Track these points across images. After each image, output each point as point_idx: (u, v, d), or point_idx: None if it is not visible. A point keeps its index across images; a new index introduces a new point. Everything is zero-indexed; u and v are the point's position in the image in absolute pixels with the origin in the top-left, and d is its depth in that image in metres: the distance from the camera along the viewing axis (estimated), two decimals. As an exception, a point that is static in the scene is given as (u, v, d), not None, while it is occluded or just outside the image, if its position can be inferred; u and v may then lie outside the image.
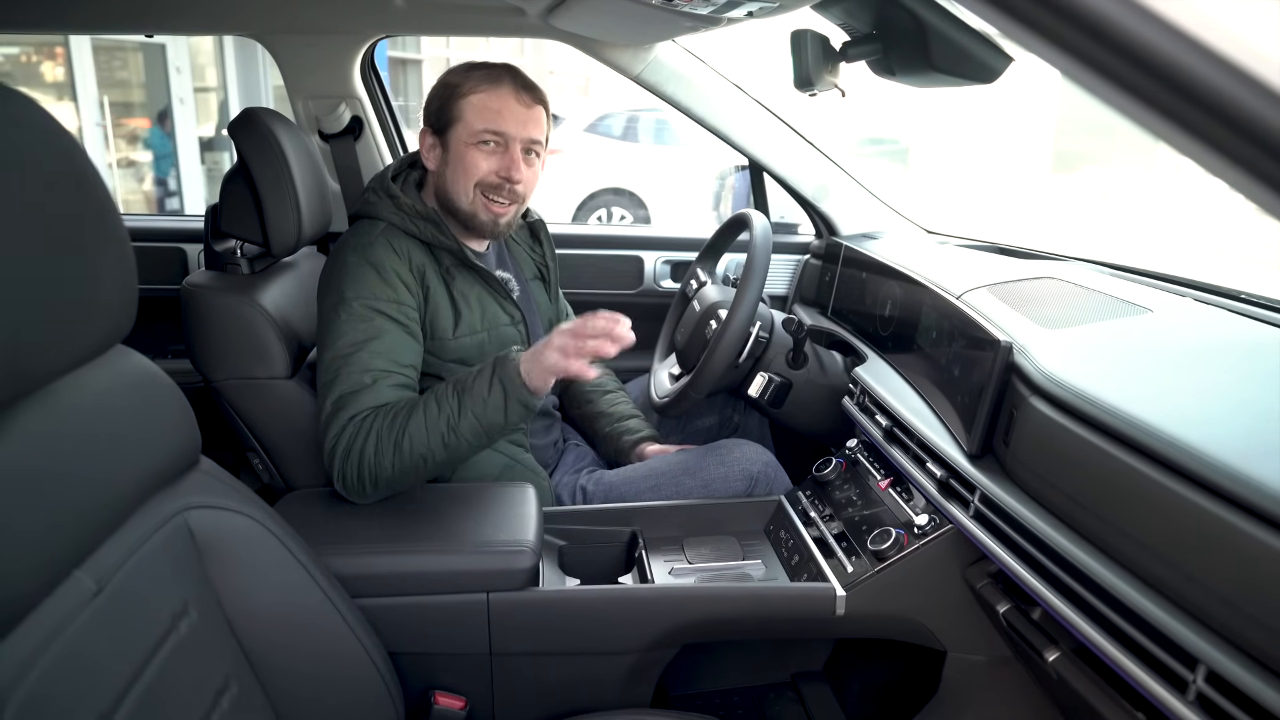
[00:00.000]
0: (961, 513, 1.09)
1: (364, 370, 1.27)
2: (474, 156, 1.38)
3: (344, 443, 1.23)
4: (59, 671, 0.61)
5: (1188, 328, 1.12)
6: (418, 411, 1.24)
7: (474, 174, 1.39)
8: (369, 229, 1.38)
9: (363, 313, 1.30)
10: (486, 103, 1.37)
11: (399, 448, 1.22)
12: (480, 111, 1.37)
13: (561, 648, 1.22)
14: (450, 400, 1.24)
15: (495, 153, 1.39)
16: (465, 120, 1.38)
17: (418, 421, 1.23)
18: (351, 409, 1.25)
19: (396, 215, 1.38)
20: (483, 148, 1.38)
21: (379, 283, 1.32)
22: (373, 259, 1.33)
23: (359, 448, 1.23)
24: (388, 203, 1.39)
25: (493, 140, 1.38)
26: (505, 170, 1.39)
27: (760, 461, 1.53)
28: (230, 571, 0.83)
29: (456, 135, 1.39)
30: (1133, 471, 0.81)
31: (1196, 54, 0.30)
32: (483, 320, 1.43)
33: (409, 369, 1.32)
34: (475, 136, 1.38)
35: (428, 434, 1.23)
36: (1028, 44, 0.34)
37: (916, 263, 1.57)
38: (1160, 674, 0.75)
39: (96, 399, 0.72)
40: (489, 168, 1.39)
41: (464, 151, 1.38)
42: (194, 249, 2.13)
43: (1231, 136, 0.31)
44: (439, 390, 1.27)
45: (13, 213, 0.57)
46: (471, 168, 1.39)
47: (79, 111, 6.57)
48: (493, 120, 1.37)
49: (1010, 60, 1.11)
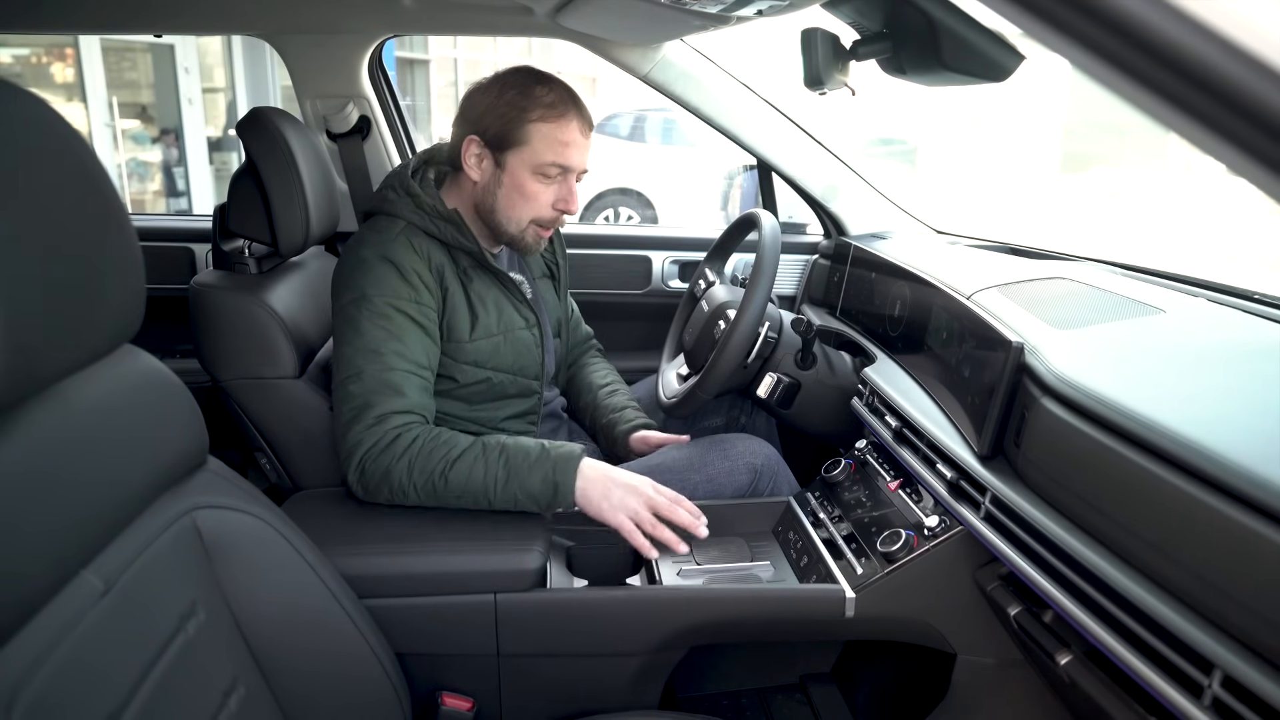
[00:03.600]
0: (972, 514, 1.08)
1: (388, 370, 1.26)
2: (535, 187, 1.37)
3: (370, 445, 1.23)
4: (66, 671, 0.61)
5: (1201, 328, 1.11)
6: (463, 462, 1.23)
7: (534, 208, 1.38)
8: (388, 226, 1.36)
9: (385, 310, 1.29)
10: (557, 134, 1.35)
11: (433, 485, 1.23)
12: (550, 144, 1.35)
13: (569, 649, 1.22)
14: (499, 469, 1.24)
15: (554, 183, 1.38)
16: (532, 147, 1.35)
17: (460, 472, 1.23)
18: (379, 408, 1.24)
19: (417, 214, 1.36)
20: (544, 179, 1.37)
21: (400, 281, 1.31)
22: (393, 257, 1.31)
23: (389, 461, 1.22)
24: (408, 201, 1.37)
25: (556, 172, 1.37)
26: (564, 203, 1.39)
27: (763, 455, 1.52)
28: (238, 572, 0.83)
29: (519, 160, 1.36)
30: (1145, 473, 0.80)
31: (1223, 51, 0.30)
32: (499, 323, 1.42)
33: (428, 371, 1.32)
34: (540, 168, 1.36)
35: (466, 487, 1.23)
36: (1052, 43, 0.33)
37: (926, 263, 1.56)
38: (1174, 678, 0.74)
39: (104, 399, 0.72)
40: (548, 200, 1.38)
41: (525, 180, 1.36)
42: (202, 249, 2.14)
43: (1257, 134, 0.31)
44: (489, 451, 1.25)
45: (22, 213, 0.57)
46: (532, 199, 1.37)
47: (88, 112, 6.59)
48: (561, 154, 1.35)
49: (1022, 58, 1.10)
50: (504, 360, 1.43)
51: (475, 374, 1.41)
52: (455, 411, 1.42)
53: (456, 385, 1.40)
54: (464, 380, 1.40)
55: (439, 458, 1.23)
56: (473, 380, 1.41)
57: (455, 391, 1.41)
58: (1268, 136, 0.30)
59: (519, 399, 1.49)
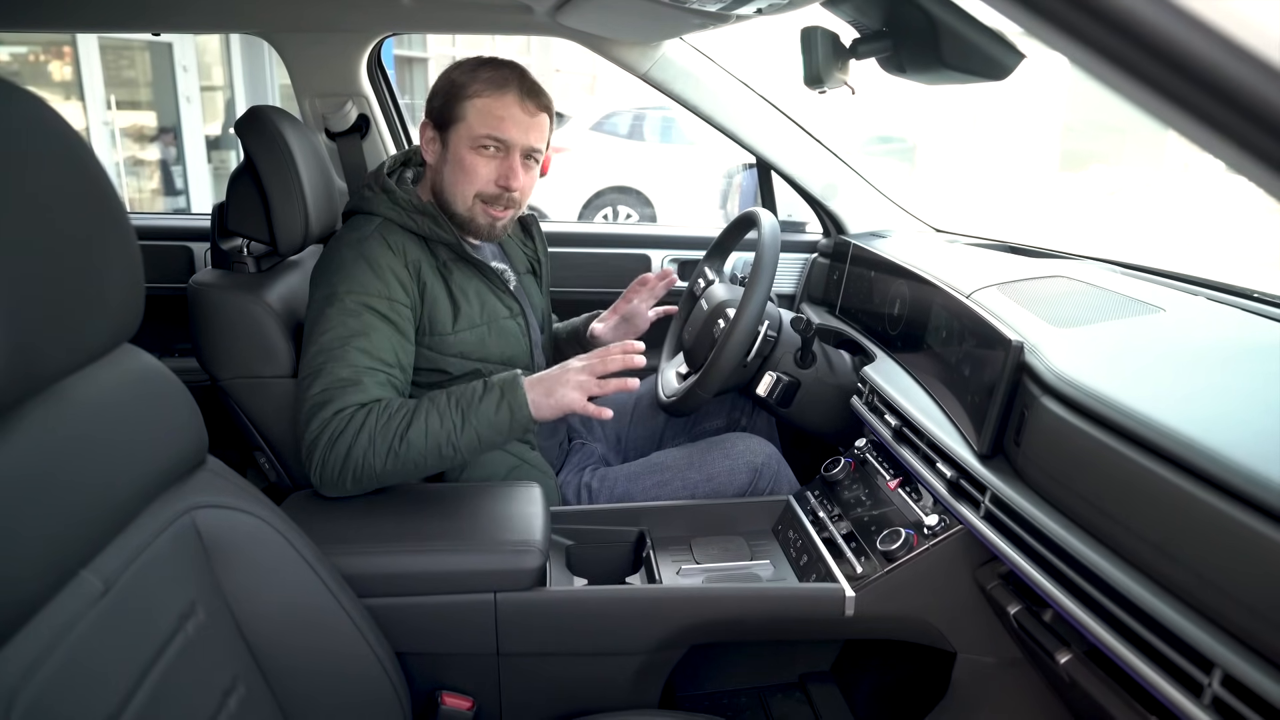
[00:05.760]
0: (972, 513, 1.08)
1: (349, 366, 1.25)
2: (473, 161, 1.37)
3: (328, 435, 1.21)
4: (66, 672, 0.60)
5: (1201, 327, 1.11)
6: (418, 419, 1.23)
7: (474, 181, 1.38)
8: (364, 224, 1.37)
9: (353, 308, 1.28)
10: (491, 108, 1.35)
11: (394, 451, 1.21)
12: (483, 116, 1.35)
13: (569, 648, 1.22)
14: (453, 414, 1.24)
15: (495, 158, 1.38)
16: (467, 122, 1.36)
17: (418, 429, 1.22)
18: (337, 403, 1.23)
19: (393, 210, 1.37)
20: (482, 152, 1.37)
21: (372, 278, 1.30)
22: (367, 254, 1.32)
23: (347, 443, 1.21)
24: (383, 198, 1.38)
25: (493, 146, 1.37)
26: (504, 179, 1.38)
27: (764, 454, 1.52)
28: (237, 571, 0.83)
29: (457, 136, 1.37)
30: (1145, 472, 0.80)
31: (1224, 49, 0.30)
32: (482, 313, 1.42)
33: (395, 369, 1.30)
34: (476, 141, 1.36)
35: (426, 443, 1.22)
36: (1052, 41, 0.33)
37: (925, 261, 1.56)
38: (1174, 677, 0.74)
39: (103, 398, 0.72)
40: (487, 175, 1.38)
41: (463, 154, 1.37)
42: (200, 247, 2.13)
43: (1257, 132, 0.31)
44: (438, 401, 1.25)
45: (20, 211, 0.57)
46: (471, 173, 1.38)
47: (86, 110, 6.58)
48: (495, 127, 1.35)
49: (1022, 57, 1.10)
50: (491, 351, 1.43)
51: (465, 366, 1.40)
52: None
53: (449, 378, 1.40)
54: (454, 372, 1.40)
55: (395, 424, 1.22)
56: (464, 372, 1.40)
57: (445, 384, 1.39)
58: (1268, 135, 0.30)
59: None
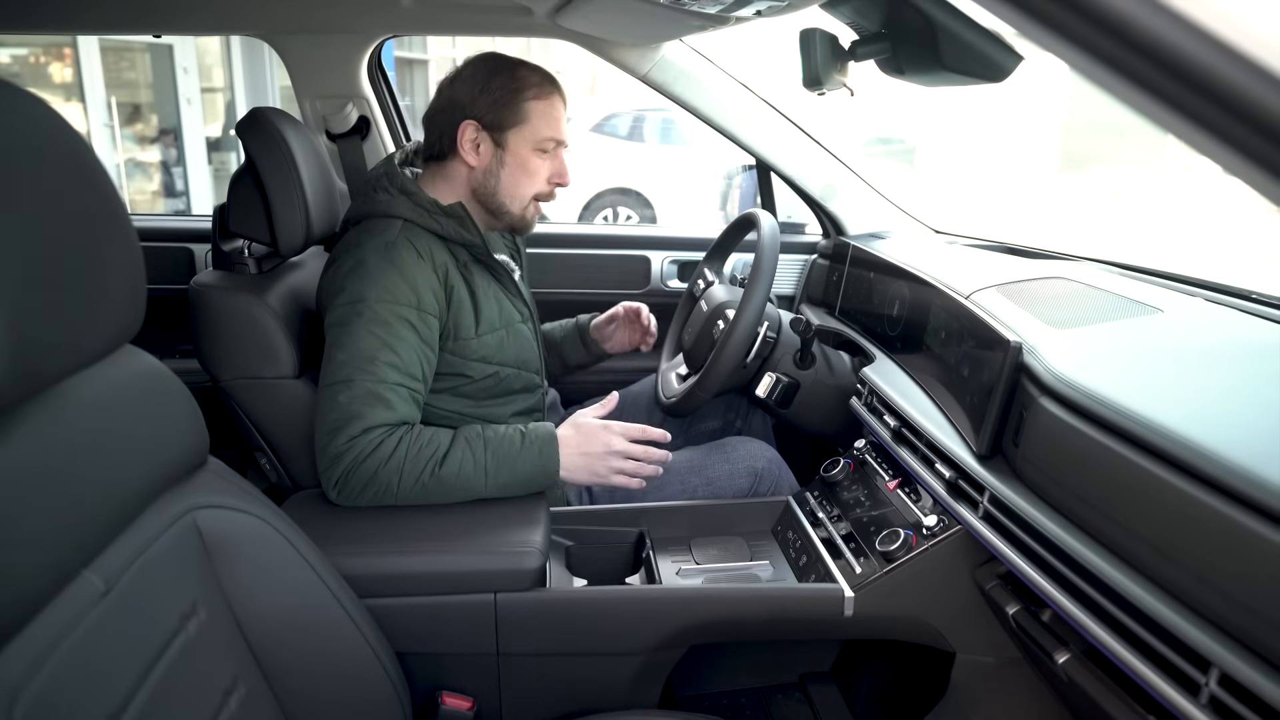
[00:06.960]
0: (970, 514, 1.08)
1: (379, 381, 1.24)
2: (536, 162, 1.39)
3: (354, 453, 1.20)
4: (67, 671, 0.61)
5: (1199, 328, 1.11)
6: (453, 456, 1.24)
7: (535, 182, 1.40)
8: (386, 228, 1.33)
9: (384, 317, 1.26)
10: (549, 110, 1.38)
11: (422, 483, 1.22)
12: (546, 118, 1.37)
13: (569, 648, 1.22)
14: (488, 460, 1.25)
15: (550, 159, 1.41)
16: (531, 124, 1.37)
17: (451, 468, 1.23)
18: (366, 420, 1.22)
19: (415, 211, 1.34)
20: (541, 154, 1.39)
21: (402, 286, 1.27)
22: (396, 260, 1.28)
23: (374, 466, 1.20)
24: (404, 200, 1.35)
25: (553, 145, 1.40)
26: (558, 177, 1.43)
27: (765, 458, 1.52)
28: (238, 571, 0.83)
29: (519, 137, 1.37)
30: (1144, 473, 0.80)
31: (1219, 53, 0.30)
32: (500, 316, 1.42)
33: (420, 382, 1.29)
34: (540, 143, 1.38)
35: (457, 481, 1.24)
36: (1047, 44, 0.34)
37: (925, 262, 1.56)
38: (1172, 676, 0.74)
39: (105, 399, 0.72)
40: (545, 175, 1.41)
41: (527, 156, 1.38)
42: (202, 249, 2.14)
43: (1253, 136, 0.31)
44: (474, 445, 1.26)
45: (22, 213, 0.57)
46: (534, 174, 1.40)
47: (87, 112, 6.59)
48: (555, 128, 1.39)
49: (1021, 59, 1.10)
50: (509, 355, 1.43)
51: (484, 369, 1.39)
52: (462, 409, 1.40)
53: (469, 381, 1.39)
54: (475, 376, 1.39)
55: (426, 456, 1.22)
56: (483, 376, 1.40)
57: (463, 388, 1.39)
58: (1264, 139, 0.31)
59: (523, 395, 1.48)
